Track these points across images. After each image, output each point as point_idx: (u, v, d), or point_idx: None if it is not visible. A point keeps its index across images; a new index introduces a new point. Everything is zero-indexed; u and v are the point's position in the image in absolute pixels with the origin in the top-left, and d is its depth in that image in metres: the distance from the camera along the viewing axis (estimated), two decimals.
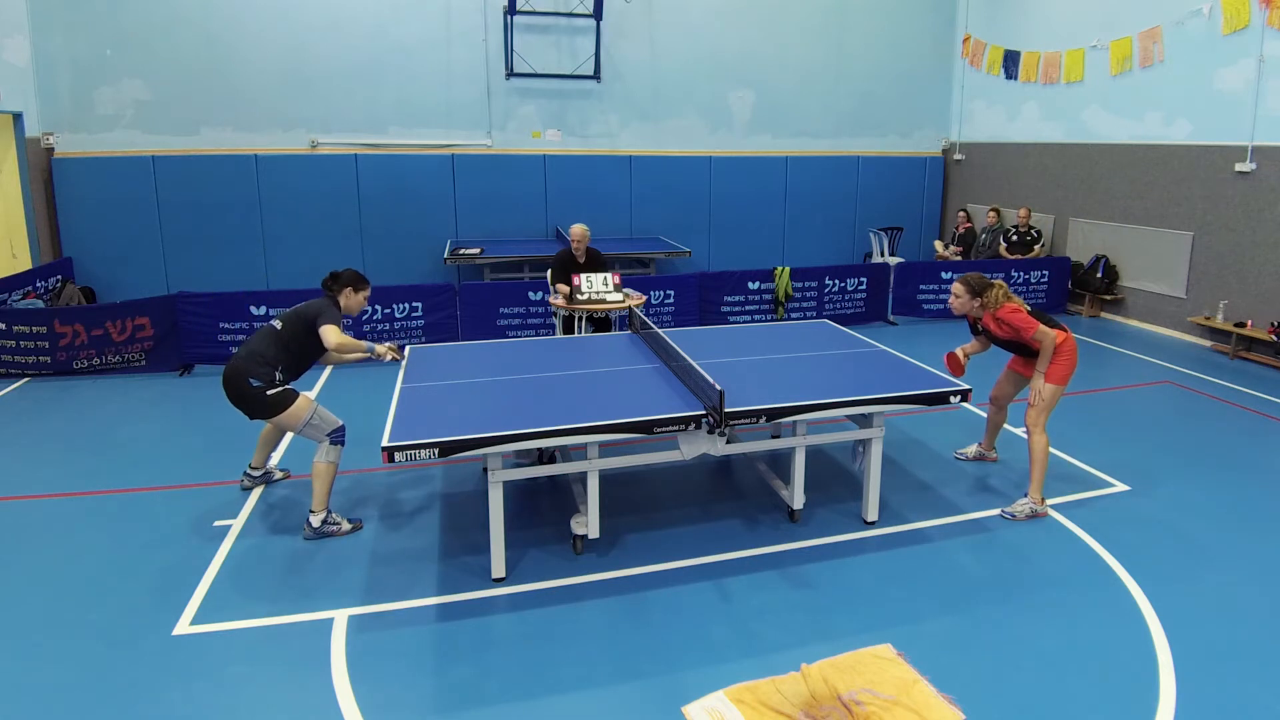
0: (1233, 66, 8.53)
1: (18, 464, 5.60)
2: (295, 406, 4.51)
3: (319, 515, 4.54)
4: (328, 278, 4.84)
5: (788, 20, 12.04)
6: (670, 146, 11.95)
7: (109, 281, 10.08)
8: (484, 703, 3.24)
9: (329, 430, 4.54)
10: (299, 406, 4.52)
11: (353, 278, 4.84)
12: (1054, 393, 4.79)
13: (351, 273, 4.86)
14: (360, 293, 4.86)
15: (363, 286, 4.88)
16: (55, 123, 9.83)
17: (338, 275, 4.84)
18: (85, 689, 3.30)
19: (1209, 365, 8.11)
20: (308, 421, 4.51)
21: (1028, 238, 10.90)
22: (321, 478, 4.51)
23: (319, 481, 4.52)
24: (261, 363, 4.48)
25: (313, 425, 4.52)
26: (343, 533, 4.56)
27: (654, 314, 8.78)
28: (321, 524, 4.53)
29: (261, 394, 4.44)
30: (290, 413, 4.50)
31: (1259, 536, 4.59)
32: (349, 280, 4.82)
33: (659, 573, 4.19)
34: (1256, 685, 3.34)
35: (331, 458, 4.54)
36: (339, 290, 4.79)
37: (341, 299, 4.79)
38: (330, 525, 4.55)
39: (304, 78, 10.45)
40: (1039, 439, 4.81)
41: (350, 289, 4.81)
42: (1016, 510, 4.81)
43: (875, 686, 3.15)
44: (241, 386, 4.44)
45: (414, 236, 11.01)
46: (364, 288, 4.88)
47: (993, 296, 4.84)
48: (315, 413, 4.55)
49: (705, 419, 4.06)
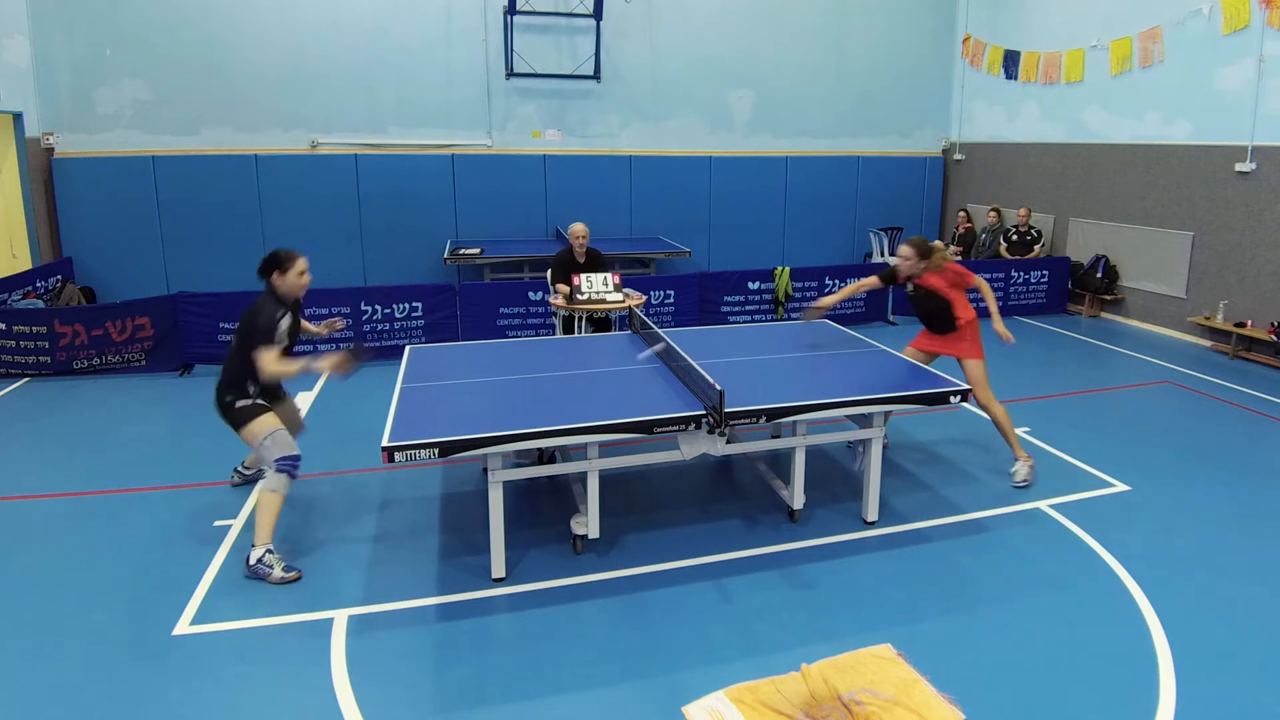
0: (1233, 66, 8.53)
1: (18, 464, 5.60)
2: (254, 423, 4.25)
3: (257, 550, 4.11)
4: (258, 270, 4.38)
5: (788, 20, 12.04)
6: (670, 146, 11.95)
7: (109, 281, 10.07)
8: (484, 703, 3.24)
9: (278, 456, 4.21)
10: (256, 424, 4.26)
11: (273, 261, 4.31)
12: (980, 367, 5.28)
13: (270, 256, 4.33)
14: (289, 271, 4.30)
15: (289, 264, 4.30)
16: (55, 123, 9.82)
17: (263, 263, 4.34)
18: (85, 689, 3.30)
19: (1209, 365, 8.11)
20: (261, 440, 4.24)
21: (1028, 238, 10.91)
22: (263, 508, 4.14)
23: (261, 512, 4.14)
24: (231, 374, 4.30)
25: (264, 447, 4.24)
26: (273, 579, 4.06)
27: (654, 314, 8.78)
28: (256, 561, 4.09)
29: (232, 406, 4.28)
30: (248, 429, 4.26)
31: (1259, 536, 4.59)
32: (271, 266, 4.31)
33: (659, 573, 4.19)
34: (1256, 685, 3.34)
35: (275, 487, 4.17)
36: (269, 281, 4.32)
37: (277, 288, 4.32)
38: (263, 566, 4.08)
39: (304, 78, 10.45)
40: (996, 409, 5.28)
41: (276, 273, 4.30)
42: (1018, 477, 5.20)
43: (875, 686, 3.15)
44: (219, 401, 4.33)
45: (414, 236, 11.00)
46: (290, 264, 4.30)
47: (938, 256, 5.27)
48: (270, 435, 4.24)
49: (705, 419, 4.06)
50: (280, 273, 4.30)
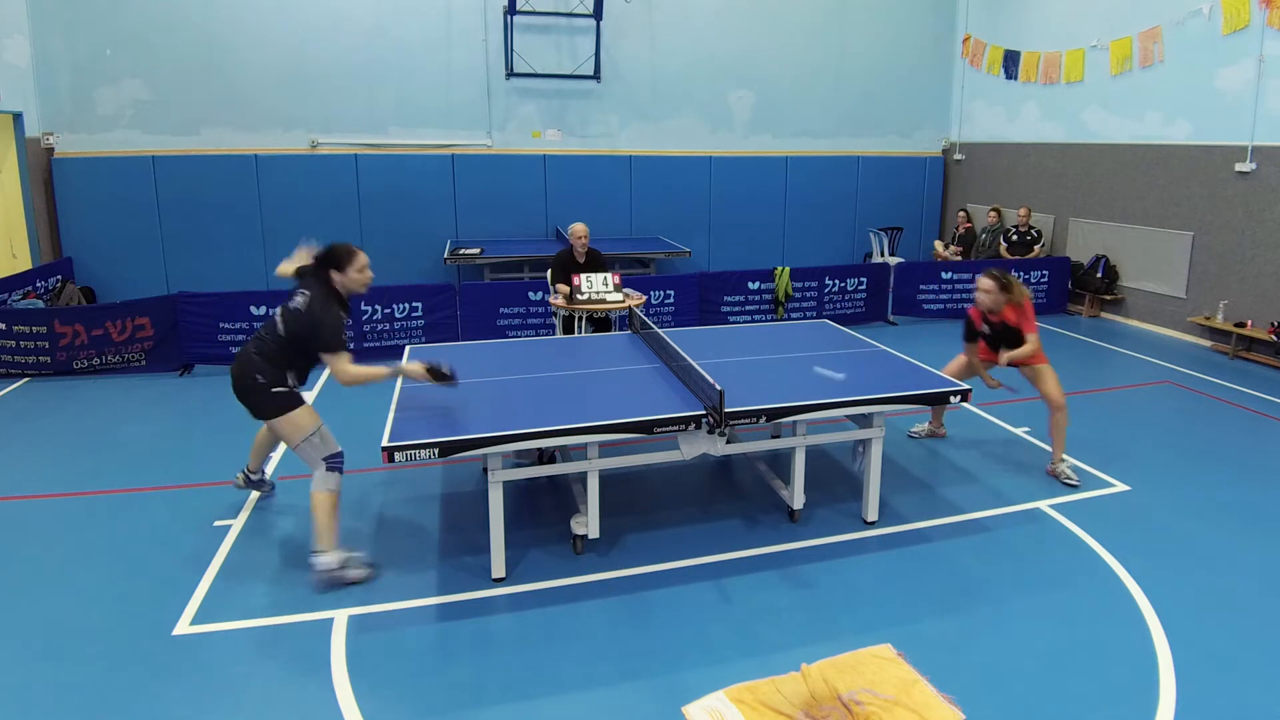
0: (1233, 66, 8.53)
1: (18, 464, 5.60)
2: (297, 414, 4.03)
3: (331, 555, 3.96)
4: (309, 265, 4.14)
5: (788, 20, 12.04)
6: (670, 146, 11.95)
7: (109, 281, 10.07)
8: (484, 703, 3.24)
9: (327, 454, 4.06)
10: (300, 416, 4.04)
11: (335, 255, 4.05)
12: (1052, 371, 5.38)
13: (328, 251, 4.07)
14: (350, 267, 4.06)
15: (349, 260, 4.05)
16: (55, 123, 9.83)
17: (319, 258, 4.08)
18: (85, 689, 3.30)
19: (1209, 365, 8.11)
20: (307, 438, 4.03)
21: (1028, 238, 10.91)
22: (324, 509, 3.98)
23: (322, 514, 3.97)
24: (270, 361, 4.03)
25: (310, 444, 4.03)
26: (356, 580, 4.00)
27: (654, 314, 8.78)
28: (341, 565, 3.99)
29: (266, 390, 4.00)
30: (290, 419, 4.02)
31: (1259, 536, 4.59)
32: (332, 261, 4.05)
33: (659, 573, 4.19)
34: (1256, 685, 3.34)
35: (331, 486, 4.02)
36: (325, 276, 4.06)
37: (337, 286, 4.08)
38: (341, 571, 3.99)
39: (304, 78, 10.45)
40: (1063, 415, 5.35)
41: (334, 270, 4.05)
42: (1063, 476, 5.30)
43: (875, 686, 3.15)
44: (247, 381, 4.02)
45: (414, 236, 11.00)
46: (350, 260, 4.05)
47: (1018, 290, 5.35)
48: (318, 431, 4.06)
49: (705, 419, 4.06)
50: (339, 270, 4.05)
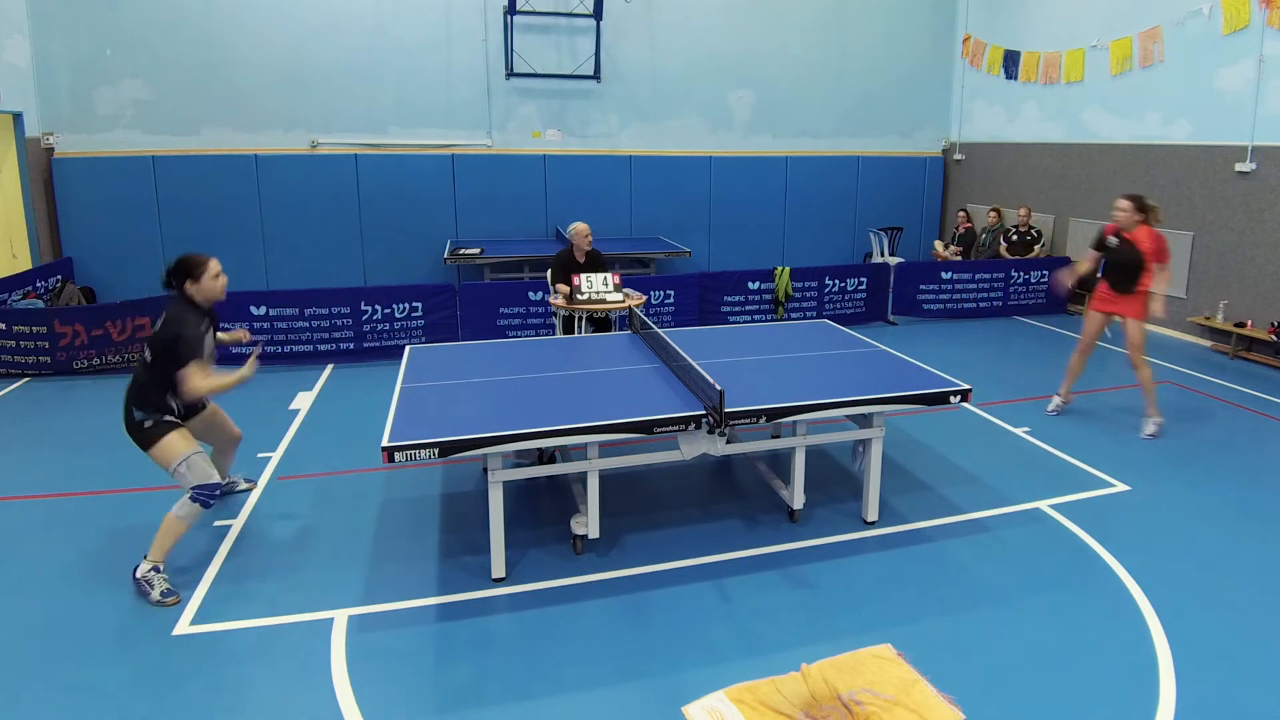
0: (1233, 66, 8.53)
1: (18, 464, 5.60)
2: (164, 443, 3.95)
3: (146, 565, 3.94)
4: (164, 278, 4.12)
5: (788, 20, 12.04)
6: (670, 146, 11.95)
7: (109, 281, 10.07)
8: (484, 703, 3.24)
9: (195, 484, 3.96)
10: (168, 444, 3.96)
11: (186, 267, 4.05)
12: (1142, 330, 5.96)
13: (178, 264, 4.07)
14: (203, 275, 4.06)
15: (200, 269, 4.05)
16: (55, 123, 9.83)
17: (171, 272, 4.07)
18: (85, 689, 3.30)
19: (1209, 365, 8.11)
20: (174, 467, 3.96)
21: (1028, 237, 10.91)
22: (168, 529, 3.95)
23: (164, 532, 3.95)
24: (145, 390, 4.00)
25: (178, 472, 3.97)
26: (151, 599, 3.88)
27: (654, 314, 8.78)
28: (142, 576, 3.94)
29: (138, 425, 3.99)
30: (159, 448, 3.96)
31: (1259, 536, 4.59)
32: (182, 273, 4.05)
33: (659, 573, 4.19)
34: (1256, 685, 3.34)
35: (183, 513, 3.95)
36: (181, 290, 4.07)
37: (193, 296, 4.08)
38: (146, 584, 3.92)
39: (304, 78, 10.45)
40: (1145, 371, 6.00)
41: (189, 282, 4.05)
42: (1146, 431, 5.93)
43: (875, 686, 3.15)
44: (125, 417, 4.03)
45: (414, 236, 11.01)
46: (200, 268, 4.05)
47: (1155, 213, 5.78)
48: (185, 461, 3.97)
49: (705, 419, 4.06)
50: (193, 280, 4.06)
